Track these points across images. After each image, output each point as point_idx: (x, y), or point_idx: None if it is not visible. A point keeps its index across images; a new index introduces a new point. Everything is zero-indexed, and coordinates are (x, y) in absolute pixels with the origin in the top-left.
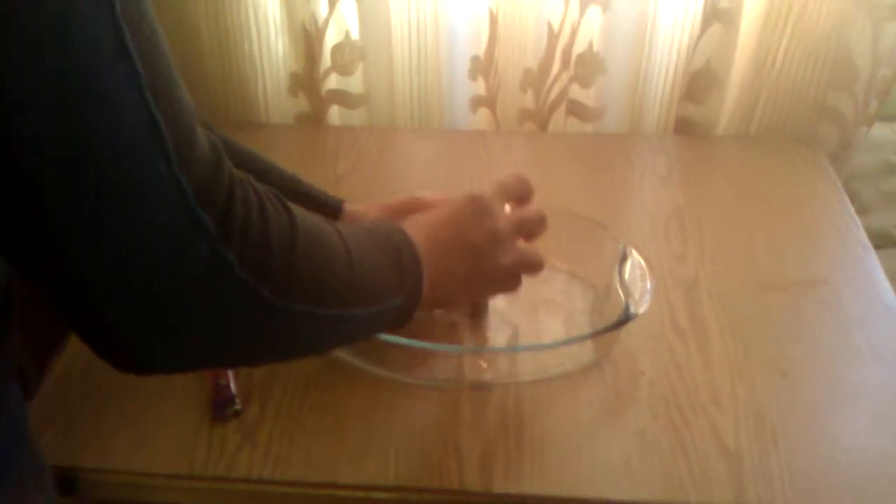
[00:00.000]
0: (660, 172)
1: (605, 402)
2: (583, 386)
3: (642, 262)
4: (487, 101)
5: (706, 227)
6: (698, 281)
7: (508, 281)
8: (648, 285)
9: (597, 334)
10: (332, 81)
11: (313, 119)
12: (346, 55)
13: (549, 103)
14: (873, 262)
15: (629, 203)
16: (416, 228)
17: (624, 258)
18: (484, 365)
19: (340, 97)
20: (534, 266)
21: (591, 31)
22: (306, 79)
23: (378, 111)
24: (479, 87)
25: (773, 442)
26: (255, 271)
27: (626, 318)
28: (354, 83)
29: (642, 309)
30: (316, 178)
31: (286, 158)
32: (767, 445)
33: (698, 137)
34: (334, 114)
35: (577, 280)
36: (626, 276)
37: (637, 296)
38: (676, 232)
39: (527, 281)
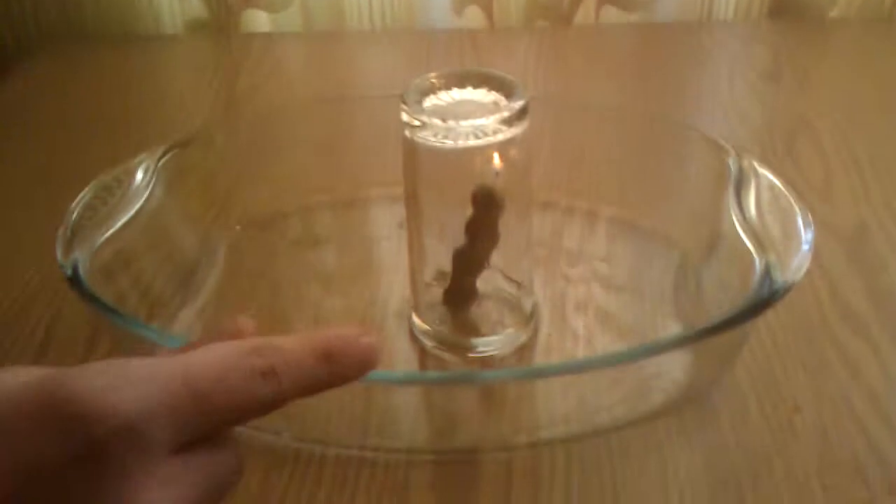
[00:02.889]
0: (761, 68)
1: (730, 475)
2: (681, 443)
3: (780, 184)
4: None
5: (858, 146)
6: (867, 230)
7: None
8: (802, 228)
9: (704, 335)
10: None
11: (216, 28)
12: None
13: None
14: None
15: (720, 113)
16: None
17: (742, 181)
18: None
19: None
20: None
21: None
22: None
23: (316, 14)
24: None
25: None
26: None
27: (769, 296)
28: None
29: (799, 275)
30: (197, 102)
31: (167, 79)
32: None
33: (806, 22)
34: (249, 20)
35: (643, 231)
36: (752, 212)
37: (781, 249)
38: (811, 154)
39: (545, 232)
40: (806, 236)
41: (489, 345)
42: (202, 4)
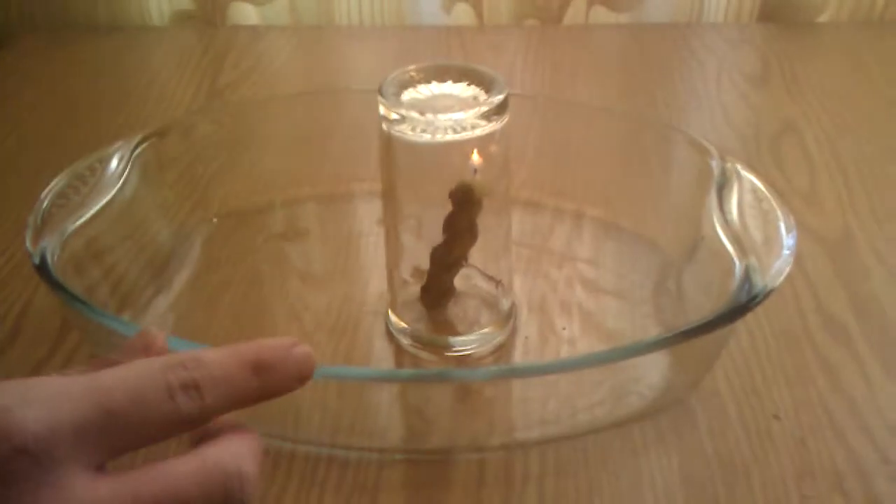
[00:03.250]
0: (749, 71)
1: (707, 482)
2: (658, 449)
3: (763, 187)
4: None
5: (844, 152)
6: (852, 237)
7: None
8: (784, 232)
9: (683, 338)
10: None
11: (203, 21)
12: None
13: None
14: None
15: (706, 115)
16: None
17: (725, 183)
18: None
19: None
20: None
21: None
22: None
23: (304, 8)
24: None
25: None
26: None
27: (748, 300)
28: None
29: (778, 280)
30: (179, 93)
31: (151, 69)
32: None
33: (795, 26)
34: (236, 13)
35: (625, 233)
36: (734, 214)
37: (762, 253)
38: (797, 158)
39: (528, 231)
40: (787, 241)
41: (466, 344)
42: None
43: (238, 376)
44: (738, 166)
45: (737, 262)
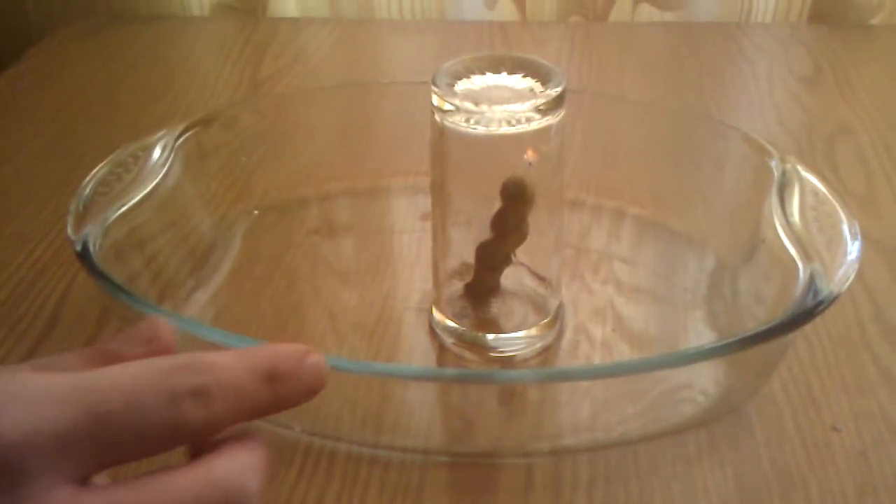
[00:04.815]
0: (800, 71)
1: (762, 493)
2: (712, 458)
3: (825, 189)
4: None
5: None
6: None
7: None
8: (848, 236)
9: (746, 344)
10: None
11: (244, 12)
12: None
13: None
14: None
15: (758, 115)
16: None
17: (786, 185)
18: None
19: None
20: None
21: None
22: None
23: (344, 1)
24: None
25: None
26: None
27: (813, 306)
28: None
29: (844, 286)
30: (221, 83)
31: (193, 59)
32: None
33: (847, 27)
34: (277, 5)
35: (675, 234)
36: (796, 217)
37: (826, 258)
38: (851, 161)
39: (575, 231)
40: (852, 246)
41: (511, 343)
42: None
43: (249, 385)
44: (800, 167)
45: (801, 267)
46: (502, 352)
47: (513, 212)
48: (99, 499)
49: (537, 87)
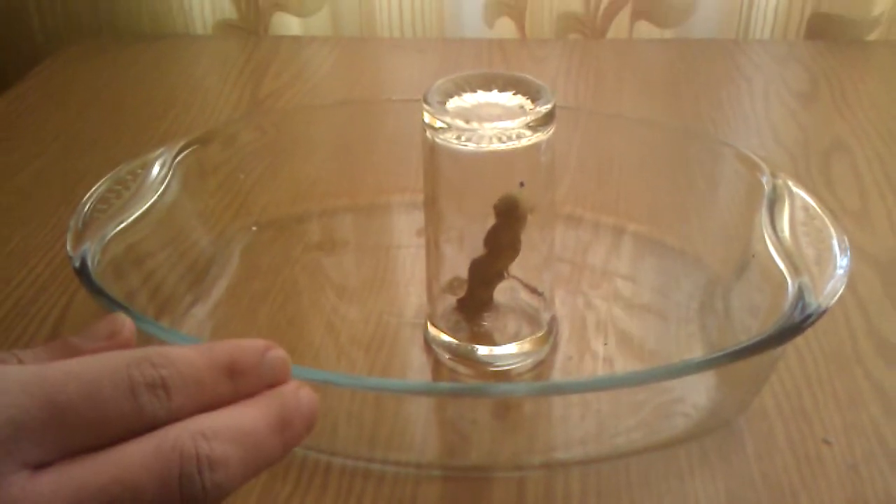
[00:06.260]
0: (797, 88)
1: None
2: (703, 472)
3: (815, 205)
4: (511, 6)
5: (895, 171)
6: None
7: None
8: (837, 251)
9: (735, 357)
10: None
11: (246, 30)
12: None
13: (608, 1)
14: None
15: (754, 131)
16: None
17: (776, 200)
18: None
19: (287, 0)
20: None
21: None
22: None
23: (346, 20)
24: None
25: None
26: None
27: (801, 319)
28: None
29: (832, 300)
30: (222, 101)
31: (193, 77)
32: None
33: (844, 43)
34: (279, 23)
35: (669, 249)
36: (786, 232)
37: (815, 272)
38: (847, 177)
39: (569, 246)
40: (841, 260)
41: (505, 357)
42: (232, 6)
43: (209, 378)
44: (790, 182)
45: (789, 281)
46: (497, 366)
47: (506, 229)
48: (53, 477)
49: (527, 104)
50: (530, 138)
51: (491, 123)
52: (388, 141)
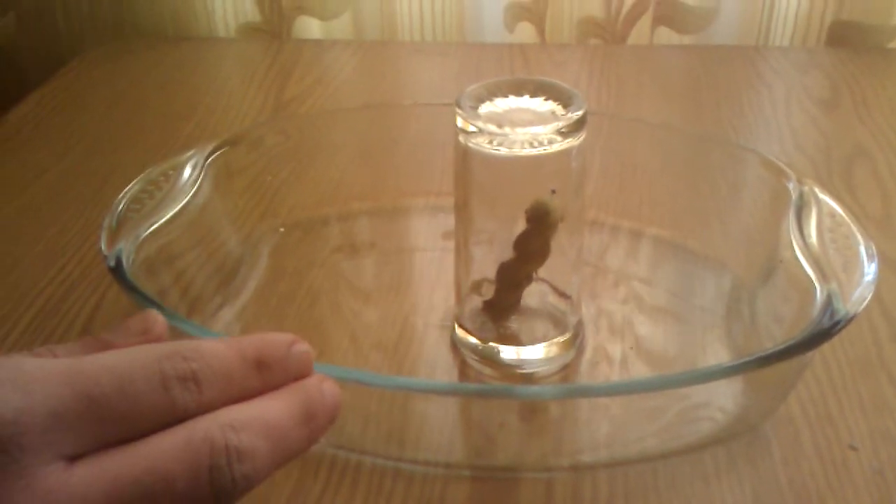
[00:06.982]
0: (818, 95)
1: None
2: (730, 476)
3: (842, 211)
4: (531, 11)
5: None
6: None
7: None
8: (865, 257)
9: (764, 362)
10: None
11: (269, 34)
12: None
13: (629, 7)
14: None
15: (775, 138)
16: None
17: (803, 206)
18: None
19: (310, 4)
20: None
21: None
22: None
23: (367, 24)
24: None
25: None
26: None
27: (830, 326)
28: None
29: (860, 306)
30: (246, 104)
31: (218, 80)
32: None
33: (866, 51)
34: (301, 27)
35: (692, 255)
36: (814, 238)
37: (843, 279)
38: (869, 184)
39: (595, 251)
40: (869, 267)
41: (531, 359)
42: (255, 9)
43: (238, 372)
44: (816, 189)
45: (818, 288)
46: (523, 368)
47: (537, 235)
48: (87, 469)
49: (559, 109)
50: (561, 144)
51: (523, 128)
52: (411, 144)
